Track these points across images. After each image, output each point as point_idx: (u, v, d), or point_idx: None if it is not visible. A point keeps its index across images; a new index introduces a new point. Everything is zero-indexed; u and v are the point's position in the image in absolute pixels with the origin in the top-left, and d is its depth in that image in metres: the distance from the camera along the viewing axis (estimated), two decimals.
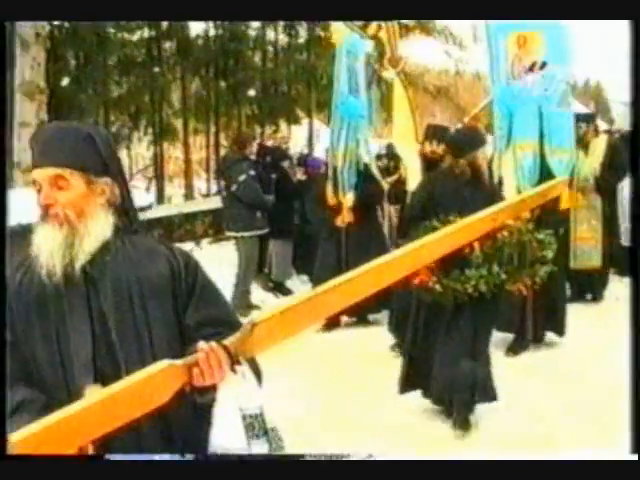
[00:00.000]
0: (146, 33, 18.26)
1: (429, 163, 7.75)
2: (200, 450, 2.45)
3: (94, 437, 2.18)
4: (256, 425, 2.40)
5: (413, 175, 7.89)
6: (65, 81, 15.76)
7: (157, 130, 19.10)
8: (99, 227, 2.47)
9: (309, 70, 19.21)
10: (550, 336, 7.82)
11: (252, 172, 9.40)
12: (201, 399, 2.38)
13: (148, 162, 21.61)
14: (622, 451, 3.01)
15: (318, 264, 9.20)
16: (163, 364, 2.24)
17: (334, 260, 8.70)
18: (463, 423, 5.74)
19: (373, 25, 8.76)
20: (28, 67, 11.43)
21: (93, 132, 2.57)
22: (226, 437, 2.39)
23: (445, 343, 5.71)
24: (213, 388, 2.35)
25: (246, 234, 9.45)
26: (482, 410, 5.84)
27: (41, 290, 2.46)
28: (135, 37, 18.24)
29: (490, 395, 5.81)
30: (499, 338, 7.21)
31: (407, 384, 6.08)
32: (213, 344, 2.31)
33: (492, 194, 5.81)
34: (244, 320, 7.32)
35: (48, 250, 2.42)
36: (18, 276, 2.50)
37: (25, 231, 2.63)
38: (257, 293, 10.15)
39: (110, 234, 2.49)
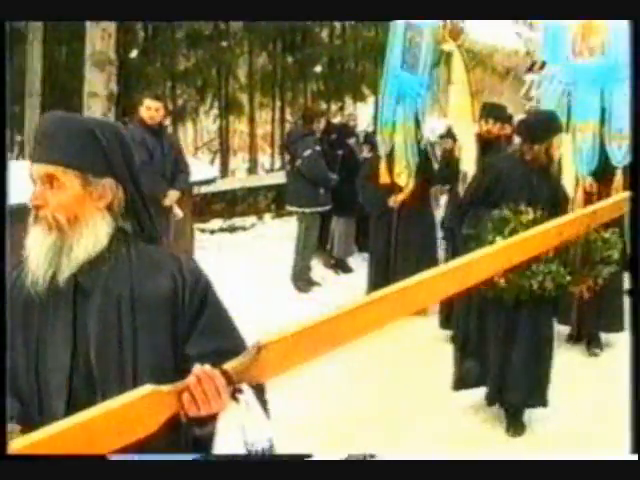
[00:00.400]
0: None
1: (485, 143, 7.78)
2: None
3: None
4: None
5: (467, 155, 7.92)
6: (134, 53, 16.03)
7: (223, 104, 19.32)
8: (93, 235, 2.25)
9: (377, 47, 19.17)
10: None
11: (318, 148, 9.56)
12: (200, 431, 2.14)
13: (213, 135, 21.88)
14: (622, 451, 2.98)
15: (371, 245, 9.42)
16: (146, 389, 1.97)
17: (384, 242, 8.83)
18: (517, 427, 5.77)
19: None
20: (98, 38, 11.63)
21: (96, 127, 2.31)
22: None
23: (502, 341, 5.68)
24: (214, 419, 2.09)
25: (307, 210, 9.65)
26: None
27: (28, 297, 2.28)
28: None
29: (541, 400, 5.77)
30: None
31: (461, 383, 6.09)
32: (207, 367, 2.03)
33: (557, 184, 5.89)
34: (304, 296, 7.47)
35: (35, 256, 2.23)
36: (13, 277, 2.33)
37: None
38: (318, 269, 10.34)
39: (107, 242, 2.27)
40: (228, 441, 2.11)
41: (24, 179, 2.45)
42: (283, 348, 2.11)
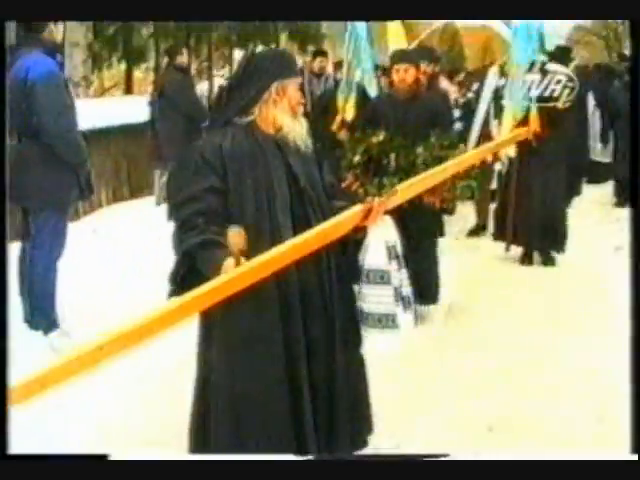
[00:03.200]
0: None
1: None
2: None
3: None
4: (392, 251, 3.77)
5: None
6: None
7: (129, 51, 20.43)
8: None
9: None
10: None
11: None
12: (356, 236, 3.43)
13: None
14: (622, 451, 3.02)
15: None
16: (359, 207, 3.33)
17: None
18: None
19: None
20: None
21: None
22: (376, 259, 3.76)
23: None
24: (364, 229, 3.41)
25: None
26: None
27: (252, 150, 3.27)
28: None
29: (432, 298, 6.14)
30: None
31: None
32: (377, 199, 3.43)
33: (435, 112, 6.41)
34: None
35: (293, 126, 3.35)
36: (228, 139, 3.27)
37: None
38: None
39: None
40: (376, 240, 3.75)
41: None
42: (407, 189, 3.75)
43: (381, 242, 3.75)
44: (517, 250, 8.26)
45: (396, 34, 8.66)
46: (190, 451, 3.28)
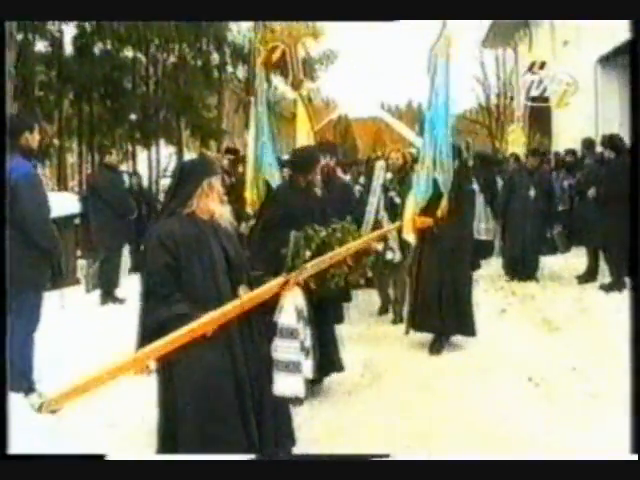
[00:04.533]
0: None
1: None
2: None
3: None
4: (300, 314, 4.41)
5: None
6: None
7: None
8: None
9: (182, 97, 21.51)
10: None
11: None
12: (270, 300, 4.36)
13: None
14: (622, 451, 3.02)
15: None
16: (280, 278, 4.45)
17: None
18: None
19: (278, 51, 9.16)
20: None
21: None
22: (287, 318, 4.35)
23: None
24: (279, 295, 4.41)
25: None
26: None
27: (196, 234, 4.22)
28: None
29: (337, 367, 6.56)
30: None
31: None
32: (293, 274, 4.50)
33: (324, 206, 6.75)
34: None
35: (221, 212, 4.37)
36: (177, 226, 4.21)
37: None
38: None
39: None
40: (289, 304, 4.41)
41: None
42: (315, 266, 4.97)
43: (292, 306, 4.38)
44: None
45: (303, 127, 9.61)
46: (158, 452, 3.66)
